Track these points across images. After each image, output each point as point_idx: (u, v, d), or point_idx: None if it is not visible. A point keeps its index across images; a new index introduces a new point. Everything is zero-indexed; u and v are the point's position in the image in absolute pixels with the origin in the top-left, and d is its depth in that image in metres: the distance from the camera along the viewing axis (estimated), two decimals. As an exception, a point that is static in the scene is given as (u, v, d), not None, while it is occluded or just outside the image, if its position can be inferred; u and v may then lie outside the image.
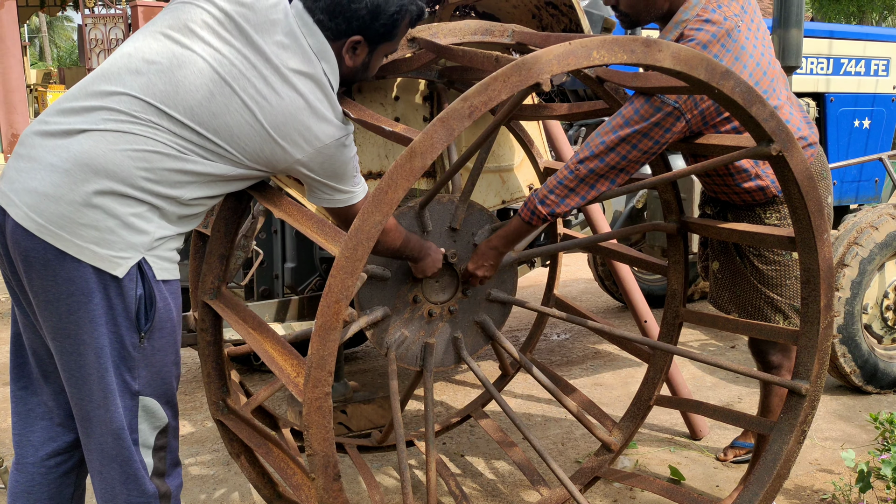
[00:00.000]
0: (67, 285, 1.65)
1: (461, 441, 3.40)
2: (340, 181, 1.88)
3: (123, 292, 1.68)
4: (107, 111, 1.67)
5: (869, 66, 4.41)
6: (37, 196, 1.63)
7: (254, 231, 2.82)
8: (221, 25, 1.74)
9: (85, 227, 1.63)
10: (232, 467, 3.14)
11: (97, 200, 1.63)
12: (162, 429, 1.82)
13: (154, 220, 1.71)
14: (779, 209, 2.47)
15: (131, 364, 1.73)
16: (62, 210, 1.62)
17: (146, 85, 1.68)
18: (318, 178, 1.86)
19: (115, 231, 1.65)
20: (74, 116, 1.67)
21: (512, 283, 2.50)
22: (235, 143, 1.74)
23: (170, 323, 1.78)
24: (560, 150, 3.32)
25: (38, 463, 1.89)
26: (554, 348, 4.71)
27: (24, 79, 11.30)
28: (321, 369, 1.61)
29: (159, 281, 1.73)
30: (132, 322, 1.70)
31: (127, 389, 1.73)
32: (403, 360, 2.34)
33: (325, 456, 1.65)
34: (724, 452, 3.16)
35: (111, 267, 1.65)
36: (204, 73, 1.70)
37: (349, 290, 1.61)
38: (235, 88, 1.71)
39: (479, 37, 2.26)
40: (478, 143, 2.05)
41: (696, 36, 2.21)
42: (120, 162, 1.65)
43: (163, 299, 1.75)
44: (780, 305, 2.50)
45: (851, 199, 4.64)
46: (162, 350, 1.77)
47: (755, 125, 1.97)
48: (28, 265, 1.67)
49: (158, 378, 1.79)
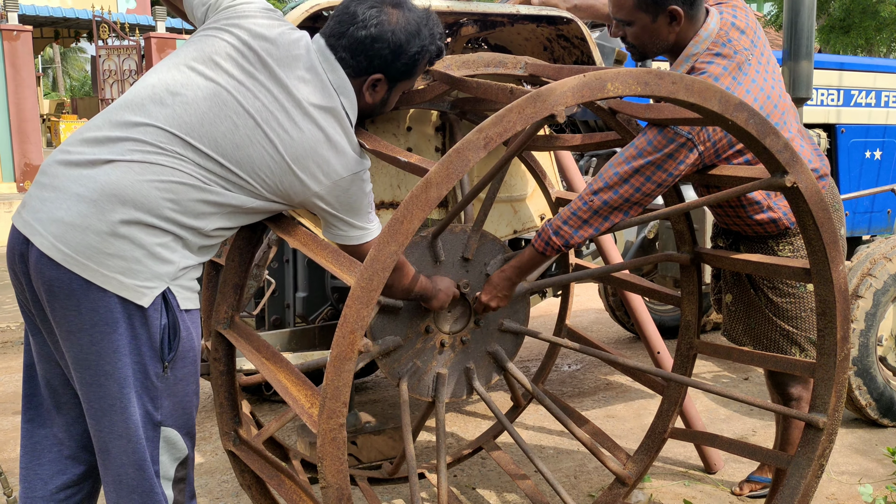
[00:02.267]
0: (91, 315, 1.65)
1: (472, 473, 3.37)
2: (356, 216, 1.90)
3: (148, 322, 1.68)
4: (133, 142, 1.68)
5: (879, 97, 4.42)
6: (63, 226, 1.64)
7: (266, 260, 2.83)
8: (245, 59, 1.77)
9: (112, 257, 1.64)
10: (242, 498, 3.12)
11: (124, 230, 1.65)
12: (182, 460, 1.81)
13: (178, 249, 1.72)
14: (791, 241, 2.46)
15: (154, 394, 1.73)
16: (89, 240, 1.63)
17: (171, 116, 1.70)
18: (334, 213, 1.87)
19: (142, 261, 1.66)
20: (99, 147, 1.69)
21: (524, 314, 2.49)
22: (256, 174, 1.76)
23: (192, 352, 1.79)
24: (571, 180, 3.32)
25: (48, 497, 1.86)
26: (565, 379, 4.68)
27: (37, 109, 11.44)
28: (336, 400, 1.60)
29: (183, 311, 1.74)
30: (156, 352, 1.71)
31: (150, 420, 1.73)
32: (415, 390, 2.33)
33: (339, 489, 1.64)
34: (740, 487, 3.12)
35: (137, 297, 1.66)
36: (228, 105, 1.73)
37: (364, 321, 1.60)
38: (258, 121, 1.74)
39: (491, 69, 2.27)
40: (491, 174, 2.06)
41: (707, 69, 2.22)
42: (147, 192, 1.66)
43: (186, 329, 1.75)
44: (797, 338, 2.48)
45: (864, 230, 4.62)
46: (184, 380, 1.78)
47: (769, 157, 1.97)
48: (52, 295, 1.67)
49: (180, 408, 1.79)
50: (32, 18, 14.43)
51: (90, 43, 17.47)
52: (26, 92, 10.90)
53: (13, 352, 5.28)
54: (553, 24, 2.68)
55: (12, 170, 10.94)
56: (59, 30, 16.78)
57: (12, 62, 10.69)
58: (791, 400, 2.60)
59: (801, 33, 3.58)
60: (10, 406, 4.20)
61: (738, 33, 2.29)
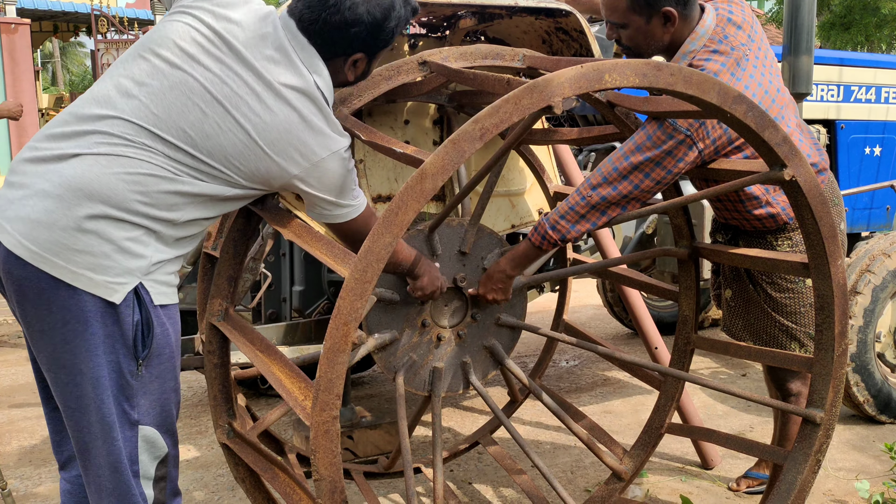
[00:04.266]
0: (63, 313, 1.61)
1: (469, 468, 3.36)
2: (339, 194, 1.85)
3: (120, 319, 1.64)
4: (99, 135, 1.64)
5: (879, 93, 4.40)
6: (29, 223, 1.60)
7: (262, 254, 2.81)
8: (211, 43, 1.71)
9: (80, 253, 1.60)
10: (237, 492, 3.11)
11: (91, 225, 1.60)
12: (162, 459, 1.78)
13: (150, 243, 1.68)
14: (790, 236, 2.44)
15: (129, 393, 1.69)
16: (56, 236, 1.59)
17: (138, 108, 1.66)
18: (316, 193, 1.83)
19: (111, 256, 1.62)
20: (66, 141, 1.64)
21: (521, 308, 2.48)
22: (230, 163, 1.72)
23: (168, 349, 1.74)
24: (570, 174, 3.31)
25: (73, 479, 1.90)
26: (563, 375, 4.68)
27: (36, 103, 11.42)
28: (329, 392, 1.59)
29: (157, 306, 1.70)
30: (130, 349, 1.67)
31: (126, 419, 1.69)
32: (411, 384, 2.32)
33: (333, 481, 1.63)
34: (737, 482, 3.11)
35: (108, 293, 1.62)
36: (195, 92, 1.68)
37: (358, 313, 1.59)
38: (228, 108, 1.69)
39: (489, 61, 2.26)
40: (488, 167, 2.04)
41: (705, 66, 2.21)
42: (114, 185, 1.62)
43: (160, 325, 1.71)
44: (796, 333, 2.47)
45: (863, 226, 4.61)
46: (161, 377, 1.74)
47: (768, 150, 1.96)
48: (21, 295, 1.63)
49: (158, 406, 1.75)
50: (31, 12, 14.38)
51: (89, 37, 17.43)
52: (24, 85, 10.88)
53: (10, 345, 5.27)
54: (552, 17, 2.67)
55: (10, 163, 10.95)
56: (57, 24, 16.73)
57: (10, 55, 10.67)
58: (790, 396, 2.59)
59: (802, 29, 3.57)
60: (5, 399, 4.19)
61: (734, 29, 2.28)
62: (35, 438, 3.66)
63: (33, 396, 4.23)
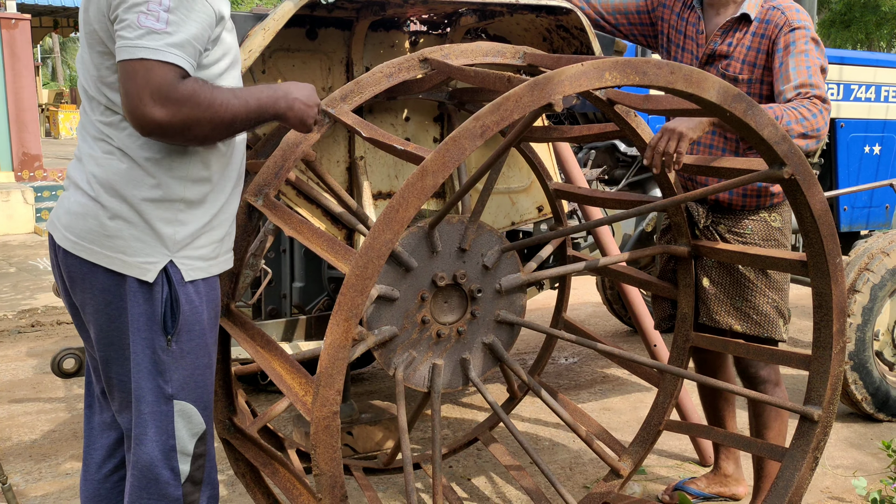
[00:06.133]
0: (104, 295, 1.70)
1: (468, 464, 3.37)
2: (127, 8, 1.53)
3: (153, 297, 1.70)
4: (84, 134, 1.75)
5: (879, 92, 4.41)
6: (69, 216, 1.72)
7: (263, 250, 2.82)
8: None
9: (111, 238, 1.68)
10: (237, 487, 3.12)
11: (118, 210, 1.68)
12: (200, 436, 1.80)
13: (178, 216, 1.71)
14: (781, 213, 2.58)
15: (162, 368, 1.73)
16: (89, 225, 1.69)
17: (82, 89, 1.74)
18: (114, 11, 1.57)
19: (140, 238, 1.69)
20: (80, 141, 1.78)
21: (520, 305, 2.48)
22: (98, 76, 1.67)
23: (199, 325, 1.77)
24: (570, 172, 3.31)
25: (102, 479, 1.95)
26: (562, 372, 4.68)
27: (36, 98, 11.41)
28: (330, 388, 1.60)
29: (187, 283, 1.73)
30: (160, 325, 1.72)
31: (161, 394, 1.74)
32: (411, 381, 2.33)
33: (332, 476, 1.64)
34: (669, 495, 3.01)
35: (141, 273, 1.69)
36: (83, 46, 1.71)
37: (359, 308, 1.60)
38: (83, 39, 1.69)
39: (490, 58, 2.26)
40: (488, 164, 2.05)
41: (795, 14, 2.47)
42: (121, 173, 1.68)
43: (189, 301, 1.74)
44: (783, 308, 2.56)
45: (862, 225, 4.61)
46: (192, 352, 1.77)
47: (767, 148, 1.96)
48: (72, 282, 1.75)
49: (192, 381, 1.78)
50: (31, 7, 14.36)
51: (89, 32, 17.37)
52: (24, 81, 10.86)
53: (10, 340, 5.27)
54: (552, 15, 2.67)
55: (10, 159, 10.91)
56: (58, 19, 16.71)
57: (10, 50, 10.64)
58: (760, 382, 2.64)
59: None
60: (6, 395, 4.20)
61: None
62: (35, 433, 3.66)
63: (33, 392, 4.24)
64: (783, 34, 2.42)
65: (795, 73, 2.37)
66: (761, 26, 2.47)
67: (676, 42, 2.68)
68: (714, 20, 2.57)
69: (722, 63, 2.52)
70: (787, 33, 2.42)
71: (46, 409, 3.97)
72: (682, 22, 2.65)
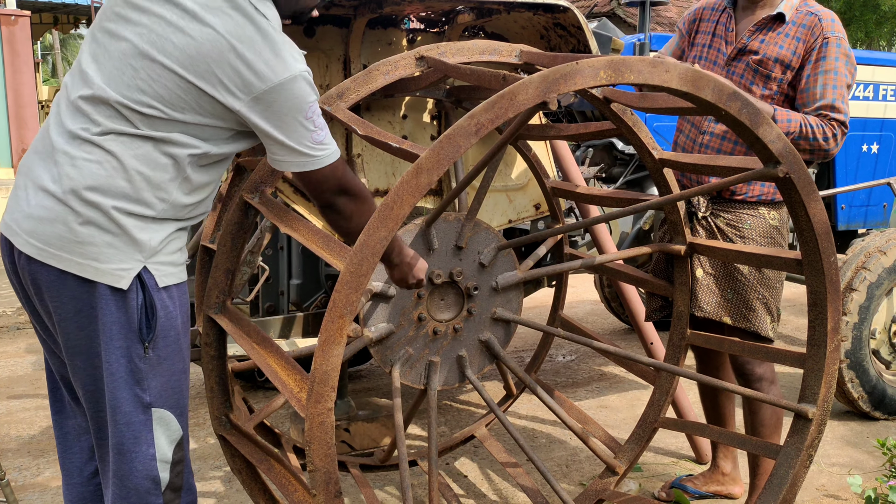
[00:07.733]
0: (74, 303, 1.65)
1: (464, 461, 3.38)
2: (291, 135, 1.67)
3: (127, 304, 1.66)
4: (59, 131, 1.66)
5: (877, 91, 4.41)
6: (32, 221, 1.64)
7: (260, 247, 2.82)
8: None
9: (82, 245, 1.62)
10: (234, 484, 3.13)
11: (90, 216, 1.62)
12: (178, 441, 1.79)
13: (149, 225, 1.67)
14: (779, 212, 2.59)
15: (140, 376, 1.70)
16: (57, 230, 1.62)
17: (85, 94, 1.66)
18: (265, 130, 1.67)
19: (113, 244, 1.64)
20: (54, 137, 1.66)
21: (517, 303, 2.49)
22: (169, 105, 1.63)
23: (174, 331, 1.75)
24: (567, 170, 3.31)
25: (84, 482, 1.91)
26: (559, 370, 4.69)
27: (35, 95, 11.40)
28: (324, 384, 1.61)
29: (161, 289, 1.70)
30: (136, 333, 1.69)
31: (139, 403, 1.71)
32: (407, 378, 2.33)
33: (327, 472, 1.65)
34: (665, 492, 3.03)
35: (114, 280, 1.64)
36: (127, 54, 1.62)
37: (353, 306, 1.60)
38: (154, 55, 1.61)
39: (486, 56, 2.27)
40: (484, 161, 2.06)
41: None
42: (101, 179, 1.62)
43: (164, 307, 1.71)
44: (771, 306, 2.57)
45: (859, 223, 4.62)
46: (169, 358, 1.75)
47: (762, 146, 1.97)
48: (37, 289, 1.68)
49: (169, 388, 1.76)
50: (31, 4, 14.36)
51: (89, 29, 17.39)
52: (24, 77, 10.85)
53: (8, 337, 5.28)
54: (549, 13, 2.67)
55: (9, 155, 10.91)
56: (58, 16, 16.70)
57: (10, 47, 10.63)
58: (755, 380, 2.64)
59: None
60: (4, 391, 4.21)
61: None
62: (33, 429, 3.67)
63: (32, 388, 4.24)
64: (817, 45, 2.45)
65: (822, 92, 2.42)
66: (797, 29, 2.49)
67: (702, 43, 2.71)
68: (748, 18, 2.60)
69: (753, 59, 2.53)
70: (821, 45, 2.45)
71: (44, 405, 3.97)
72: (711, 24, 2.70)
